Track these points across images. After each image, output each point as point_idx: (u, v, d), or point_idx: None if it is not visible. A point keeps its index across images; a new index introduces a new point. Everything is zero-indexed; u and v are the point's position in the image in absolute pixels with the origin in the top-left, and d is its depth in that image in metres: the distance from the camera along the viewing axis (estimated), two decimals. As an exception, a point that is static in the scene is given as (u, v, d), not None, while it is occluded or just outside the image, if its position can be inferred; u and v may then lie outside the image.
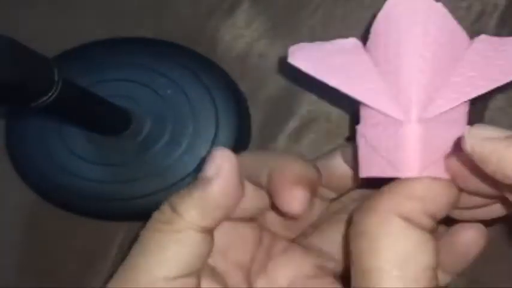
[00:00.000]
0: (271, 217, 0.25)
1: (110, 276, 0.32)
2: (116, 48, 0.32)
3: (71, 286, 0.33)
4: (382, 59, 0.21)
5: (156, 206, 0.31)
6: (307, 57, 0.21)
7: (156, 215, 0.22)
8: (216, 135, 0.30)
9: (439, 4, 0.20)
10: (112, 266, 0.32)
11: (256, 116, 0.32)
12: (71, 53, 0.32)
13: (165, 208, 0.22)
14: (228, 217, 0.22)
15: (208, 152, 0.29)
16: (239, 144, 0.30)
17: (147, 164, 0.30)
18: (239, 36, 0.33)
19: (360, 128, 0.21)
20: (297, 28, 0.32)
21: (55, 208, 0.32)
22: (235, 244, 0.24)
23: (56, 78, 0.21)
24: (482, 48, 0.21)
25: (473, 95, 0.20)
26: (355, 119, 0.21)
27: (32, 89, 0.21)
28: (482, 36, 0.22)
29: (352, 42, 0.22)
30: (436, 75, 0.20)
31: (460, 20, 0.31)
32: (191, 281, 0.22)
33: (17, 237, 0.33)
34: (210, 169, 0.22)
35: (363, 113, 0.21)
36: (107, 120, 0.28)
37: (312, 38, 0.32)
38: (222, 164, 0.22)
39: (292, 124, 0.31)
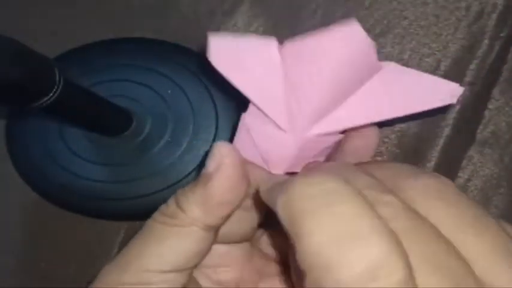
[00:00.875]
0: (264, 239, 0.25)
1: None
2: (116, 48, 0.32)
3: (71, 286, 0.33)
4: (291, 66, 0.21)
5: (156, 206, 0.31)
6: (224, 53, 0.22)
7: (162, 207, 0.22)
8: (216, 135, 0.30)
9: (368, 38, 0.20)
10: (112, 266, 0.32)
11: (256, 116, 0.32)
12: (72, 54, 0.32)
13: (171, 202, 0.22)
14: (233, 211, 0.22)
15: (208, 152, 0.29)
16: (239, 144, 0.30)
17: (147, 164, 0.30)
18: (239, 37, 0.33)
19: (245, 117, 0.22)
20: (297, 28, 0.32)
21: (55, 208, 0.32)
22: (220, 264, 0.24)
23: (57, 79, 0.21)
24: (388, 78, 0.21)
25: (360, 123, 0.21)
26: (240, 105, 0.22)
27: (32, 90, 0.21)
28: (391, 65, 0.22)
29: (271, 43, 0.22)
30: (334, 98, 0.21)
31: (459, 20, 0.31)
32: (181, 278, 0.21)
33: (17, 237, 0.33)
34: (210, 165, 0.21)
35: (253, 108, 0.22)
36: (107, 121, 0.28)
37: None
38: (222, 159, 0.21)
39: (292, 124, 0.31)
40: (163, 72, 0.30)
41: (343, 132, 0.22)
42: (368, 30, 0.32)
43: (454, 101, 0.21)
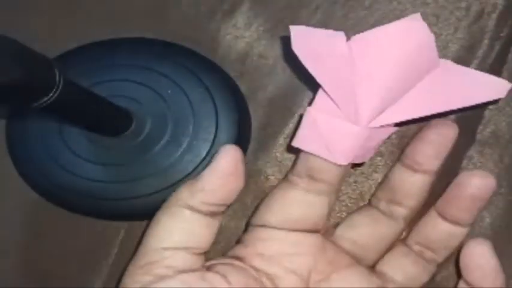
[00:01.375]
0: (338, 233, 0.27)
1: (111, 275, 0.32)
2: (116, 48, 0.32)
3: (71, 286, 0.33)
4: (358, 60, 0.23)
5: (156, 206, 0.31)
6: (305, 45, 0.23)
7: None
8: (216, 135, 0.30)
9: (430, 34, 0.22)
10: (112, 266, 0.32)
11: (256, 116, 0.32)
12: (72, 54, 0.32)
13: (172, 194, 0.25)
14: (219, 204, 0.24)
15: (209, 152, 0.29)
16: (239, 144, 0.30)
17: (147, 164, 0.30)
18: (239, 37, 0.33)
19: (310, 110, 0.24)
20: (297, 28, 0.32)
21: (55, 208, 0.32)
22: (291, 252, 0.26)
23: (57, 79, 0.21)
24: (444, 73, 0.23)
25: (419, 115, 0.23)
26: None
27: (33, 90, 0.21)
28: (448, 62, 0.24)
29: (339, 36, 0.23)
30: (397, 90, 0.22)
31: (459, 20, 0.31)
32: (183, 256, 0.24)
33: (17, 237, 0.33)
34: (212, 160, 0.25)
35: (319, 99, 0.24)
36: (108, 121, 0.28)
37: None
38: (221, 155, 0.24)
39: (292, 124, 0.31)
40: (163, 72, 0.30)
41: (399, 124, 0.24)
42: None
43: (503, 95, 0.23)
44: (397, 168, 0.26)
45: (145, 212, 0.31)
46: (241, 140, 0.31)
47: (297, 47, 0.23)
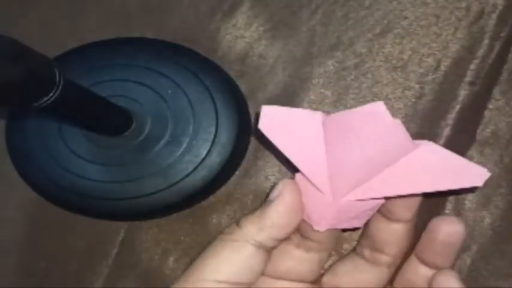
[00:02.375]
0: (326, 280, 0.28)
1: (111, 275, 0.32)
2: (116, 48, 0.32)
3: (71, 286, 0.33)
4: (332, 138, 0.24)
5: (156, 206, 0.31)
6: (274, 124, 0.25)
7: (225, 229, 0.25)
8: (216, 135, 0.30)
9: (394, 120, 0.23)
10: (112, 266, 0.32)
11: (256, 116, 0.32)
12: (72, 54, 0.32)
13: (233, 224, 0.25)
14: (282, 239, 0.25)
15: (208, 152, 0.29)
16: (239, 144, 0.30)
17: (147, 164, 0.30)
18: (239, 37, 0.33)
19: (298, 176, 0.25)
20: (297, 28, 0.32)
21: (55, 207, 0.32)
22: None
23: (57, 79, 0.21)
24: (423, 156, 0.23)
25: (391, 194, 0.24)
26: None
27: (33, 90, 0.21)
28: (427, 144, 0.24)
29: (316, 116, 0.24)
30: (368, 169, 0.23)
31: (459, 20, 0.31)
32: None
33: (17, 237, 0.33)
34: (273, 193, 0.25)
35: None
36: (108, 121, 0.28)
37: (312, 38, 0.32)
38: (283, 189, 0.25)
39: (292, 124, 0.31)
40: (163, 72, 0.30)
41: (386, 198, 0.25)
42: (368, 30, 0.32)
43: (480, 183, 0.23)
44: (375, 217, 0.27)
45: (145, 212, 0.31)
46: (241, 140, 0.31)
47: (264, 126, 0.24)
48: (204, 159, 0.29)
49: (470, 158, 0.30)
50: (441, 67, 0.31)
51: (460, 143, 0.30)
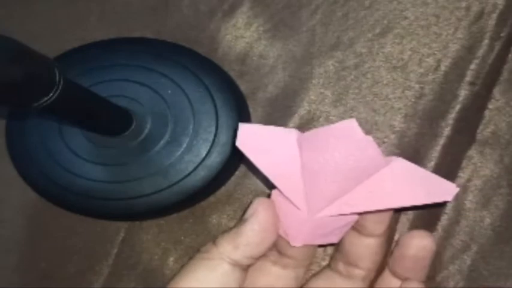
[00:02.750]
0: None
1: (111, 275, 0.32)
2: (116, 48, 0.32)
3: (71, 286, 0.33)
4: (307, 154, 0.24)
5: (156, 206, 0.31)
6: (250, 141, 0.25)
7: (201, 248, 0.26)
8: (216, 135, 0.30)
9: (366, 137, 0.23)
10: (112, 266, 0.32)
11: (256, 116, 0.32)
12: (72, 54, 0.32)
13: (210, 242, 0.25)
14: (258, 257, 0.25)
15: (208, 152, 0.29)
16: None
17: (147, 164, 0.30)
18: (239, 37, 0.33)
19: (274, 193, 0.25)
20: (297, 28, 0.32)
21: (55, 208, 0.32)
22: None
23: (57, 79, 0.21)
24: (394, 172, 0.24)
25: (364, 209, 0.24)
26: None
27: (33, 90, 0.21)
28: (398, 160, 0.24)
29: (291, 133, 0.25)
30: (342, 186, 0.24)
31: (459, 20, 0.31)
32: None
33: (17, 237, 0.33)
34: (248, 212, 0.25)
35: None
36: (108, 121, 0.28)
37: (312, 38, 0.32)
38: (258, 207, 0.25)
39: (292, 124, 0.31)
40: (163, 72, 0.30)
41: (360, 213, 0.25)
42: (368, 30, 0.32)
43: (450, 199, 0.23)
44: (348, 232, 0.27)
45: (145, 212, 0.31)
46: (241, 140, 0.31)
47: (241, 144, 0.25)
48: (204, 159, 0.29)
49: (470, 158, 0.30)
50: (441, 67, 0.31)
51: (460, 143, 0.30)
